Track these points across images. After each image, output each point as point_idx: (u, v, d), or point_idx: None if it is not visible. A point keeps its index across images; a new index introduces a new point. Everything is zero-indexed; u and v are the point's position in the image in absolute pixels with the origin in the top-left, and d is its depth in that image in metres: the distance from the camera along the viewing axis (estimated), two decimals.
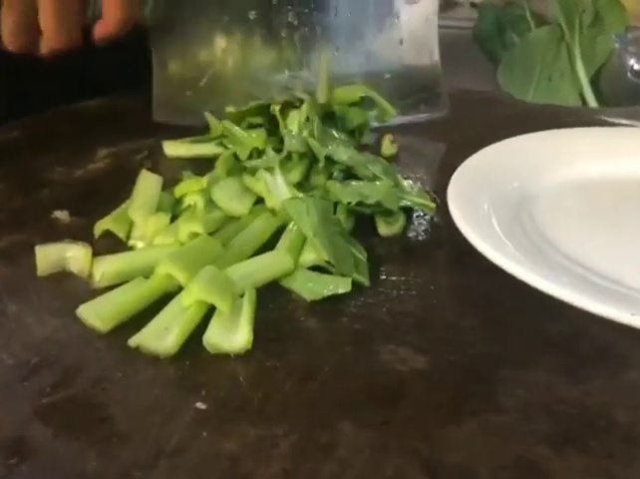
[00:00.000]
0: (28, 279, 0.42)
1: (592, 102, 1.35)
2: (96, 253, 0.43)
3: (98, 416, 0.32)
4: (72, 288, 0.42)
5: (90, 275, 0.42)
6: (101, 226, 0.46)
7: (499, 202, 0.46)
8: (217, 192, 0.47)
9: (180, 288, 0.38)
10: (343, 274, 0.41)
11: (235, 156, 0.52)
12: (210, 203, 0.46)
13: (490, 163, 0.50)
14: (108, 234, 0.46)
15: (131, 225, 0.46)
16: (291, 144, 0.49)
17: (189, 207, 0.47)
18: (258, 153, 0.52)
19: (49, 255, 0.43)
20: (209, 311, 0.37)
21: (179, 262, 0.38)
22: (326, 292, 0.40)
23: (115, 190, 0.51)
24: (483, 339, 0.38)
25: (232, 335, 0.36)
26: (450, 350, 0.37)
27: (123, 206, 0.47)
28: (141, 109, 0.66)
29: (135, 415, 0.32)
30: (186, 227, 0.42)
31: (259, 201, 0.48)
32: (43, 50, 0.56)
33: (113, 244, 0.45)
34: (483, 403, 0.33)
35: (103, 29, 0.56)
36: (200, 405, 0.33)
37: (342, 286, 0.40)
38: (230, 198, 0.46)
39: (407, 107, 0.67)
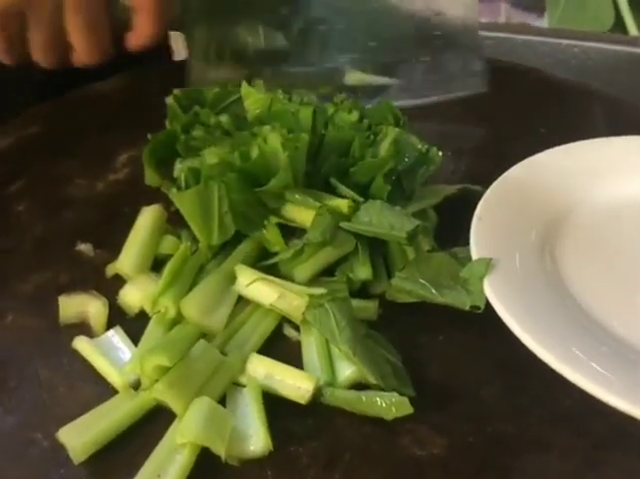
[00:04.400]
0: (56, 332, 0.43)
1: (631, 24, 1.28)
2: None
3: None
4: None
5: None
6: (113, 269, 0.47)
7: (524, 251, 0.46)
8: (188, 306, 0.41)
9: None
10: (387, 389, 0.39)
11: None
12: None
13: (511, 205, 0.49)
14: None
15: None
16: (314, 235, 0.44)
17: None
18: None
19: (71, 307, 0.44)
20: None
21: (173, 390, 0.36)
22: (389, 417, 0.37)
23: (135, 209, 0.50)
24: (502, 414, 0.39)
25: (250, 442, 0.37)
26: (469, 430, 0.38)
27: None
28: (157, 90, 0.64)
29: None
30: (151, 360, 0.38)
31: None
32: (76, 64, 0.56)
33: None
34: None
35: (135, 42, 0.55)
36: None
37: (403, 409, 0.37)
38: (205, 311, 0.41)
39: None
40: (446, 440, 0.37)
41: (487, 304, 0.41)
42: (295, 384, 0.39)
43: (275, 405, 0.38)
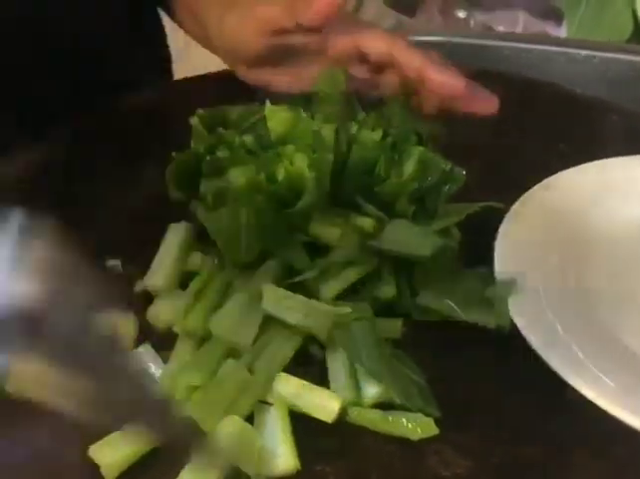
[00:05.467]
0: None
1: None
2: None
3: None
4: None
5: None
6: (142, 285, 0.48)
7: (547, 269, 0.46)
8: (217, 324, 0.43)
9: None
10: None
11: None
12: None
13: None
14: None
15: None
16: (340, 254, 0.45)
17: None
18: None
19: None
20: None
21: (204, 408, 0.38)
22: (415, 437, 0.38)
23: (163, 226, 0.51)
24: (526, 436, 0.39)
25: (278, 461, 0.37)
26: (493, 451, 0.38)
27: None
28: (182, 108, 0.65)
29: None
30: (182, 379, 0.40)
31: None
32: None
33: None
34: None
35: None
36: None
37: (428, 430, 0.39)
38: (233, 329, 0.43)
39: None
40: (470, 461, 0.38)
41: (512, 323, 0.42)
42: (322, 403, 0.39)
43: (302, 424, 0.39)
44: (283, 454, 0.37)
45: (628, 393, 0.38)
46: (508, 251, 0.46)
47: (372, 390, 0.40)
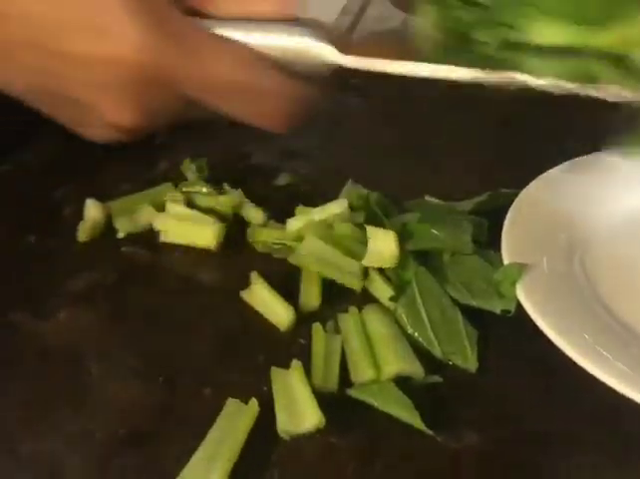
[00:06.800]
0: (107, 327, 0.46)
1: None
2: None
3: None
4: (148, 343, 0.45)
5: None
6: None
7: (554, 254, 0.47)
8: None
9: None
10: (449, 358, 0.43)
11: None
12: None
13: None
14: None
15: None
16: None
17: None
18: None
19: None
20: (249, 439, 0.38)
21: None
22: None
23: None
24: (533, 412, 0.40)
25: (302, 419, 0.39)
26: (500, 426, 0.40)
27: None
28: None
29: None
30: None
31: None
32: None
33: None
34: None
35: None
36: None
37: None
38: None
39: None
40: (477, 435, 0.39)
41: (522, 307, 0.43)
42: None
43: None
44: (308, 411, 0.39)
45: (635, 370, 0.39)
46: (516, 237, 0.47)
47: (391, 366, 0.41)
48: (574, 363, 0.40)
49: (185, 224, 0.51)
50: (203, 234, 0.51)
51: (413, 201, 0.54)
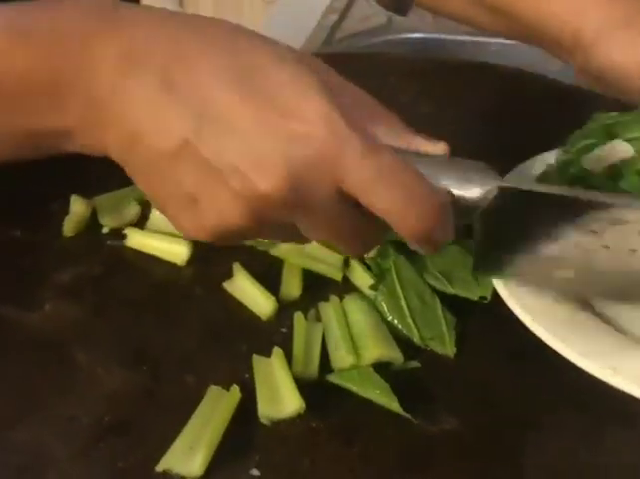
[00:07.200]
0: (91, 318, 0.47)
1: None
2: None
3: None
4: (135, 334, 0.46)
5: None
6: None
7: None
8: None
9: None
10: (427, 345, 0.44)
11: None
12: None
13: None
14: None
15: None
16: None
17: None
18: None
19: None
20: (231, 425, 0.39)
21: None
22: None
23: None
24: (509, 396, 0.42)
25: (282, 405, 0.40)
26: (477, 409, 0.41)
27: None
28: None
29: None
30: None
31: None
32: None
33: None
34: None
35: None
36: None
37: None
38: None
39: None
40: (456, 419, 0.40)
41: (498, 295, 0.44)
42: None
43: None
44: (288, 397, 0.40)
45: (606, 354, 0.40)
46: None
47: (368, 351, 0.42)
48: (549, 349, 0.41)
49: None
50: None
51: None
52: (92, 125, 0.36)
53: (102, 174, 0.58)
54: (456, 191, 0.36)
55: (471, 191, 0.36)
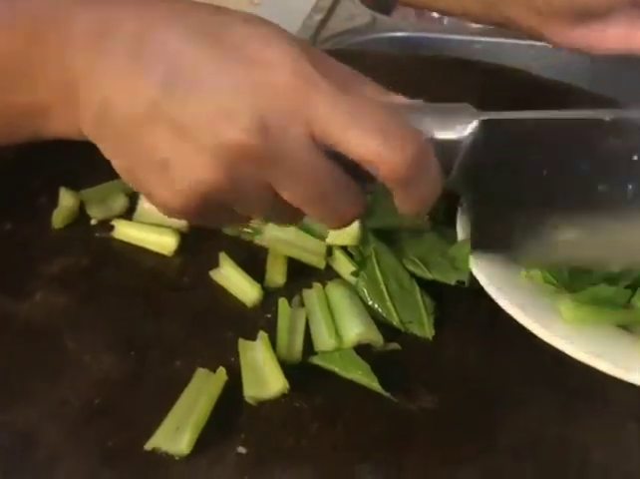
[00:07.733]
0: (80, 308, 0.48)
1: None
2: None
3: None
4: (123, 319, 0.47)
5: None
6: None
7: None
8: None
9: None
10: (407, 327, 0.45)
11: None
12: None
13: None
14: None
15: None
16: None
17: None
18: None
19: None
20: (218, 406, 0.41)
21: None
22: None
23: None
24: (485, 374, 0.43)
25: (267, 386, 0.41)
26: (455, 389, 0.42)
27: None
28: None
29: None
30: None
31: None
32: None
33: None
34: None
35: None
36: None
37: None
38: None
39: None
40: (435, 396, 0.42)
41: (475, 279, 0.45)
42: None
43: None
44: (273, 377, 0.41)
45: (580, 334, 0.42)
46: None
47: (350, 333, 0.44)
48: (524, 329, 0.42)
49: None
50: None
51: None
52: (65, 101, 0.37)
53: (89, 167, 0.60)
54: (437, 132, 0.36)
55: (452, 130, 0.36)
